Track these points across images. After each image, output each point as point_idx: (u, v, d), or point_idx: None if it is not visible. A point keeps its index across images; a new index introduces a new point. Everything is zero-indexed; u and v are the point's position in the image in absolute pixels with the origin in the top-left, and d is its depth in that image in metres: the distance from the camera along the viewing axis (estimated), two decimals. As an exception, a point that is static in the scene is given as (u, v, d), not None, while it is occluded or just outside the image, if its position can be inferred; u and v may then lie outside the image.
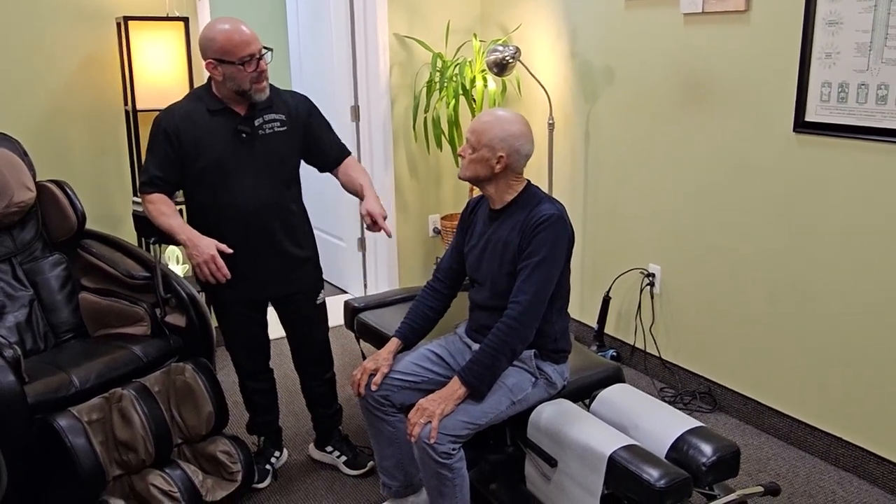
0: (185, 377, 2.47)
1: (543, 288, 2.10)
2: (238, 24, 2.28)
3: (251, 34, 2.28)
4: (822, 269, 2.71)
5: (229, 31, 2.26)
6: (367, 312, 3.03)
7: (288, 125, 2.44)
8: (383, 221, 2.43)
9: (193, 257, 2.28)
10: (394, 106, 4.06)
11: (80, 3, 3.24)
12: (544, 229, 2.09)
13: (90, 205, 3.02)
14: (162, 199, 2.36)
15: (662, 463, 1.95)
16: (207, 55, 2.28)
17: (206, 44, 2.28)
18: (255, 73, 2.30)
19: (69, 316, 2.81)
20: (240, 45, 2.25)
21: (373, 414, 2.29)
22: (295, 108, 2.47)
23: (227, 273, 2.28)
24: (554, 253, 2.11)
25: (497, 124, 2.14)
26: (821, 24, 2.57)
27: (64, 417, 2.22)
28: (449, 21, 4.02)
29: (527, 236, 2.11)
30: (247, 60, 2.27)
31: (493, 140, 2.13)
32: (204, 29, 2.31)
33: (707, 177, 3.06)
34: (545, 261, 2.09)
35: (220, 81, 2.31)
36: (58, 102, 3.28)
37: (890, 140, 2.43)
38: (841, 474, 2.71)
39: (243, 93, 2.32)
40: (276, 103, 2.43)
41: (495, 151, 2.13)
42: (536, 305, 2.10)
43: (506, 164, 2.14)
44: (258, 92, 2.34)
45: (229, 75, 2.29)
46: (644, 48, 3.24)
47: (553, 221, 2.10)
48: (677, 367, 3.33)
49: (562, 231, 2.13)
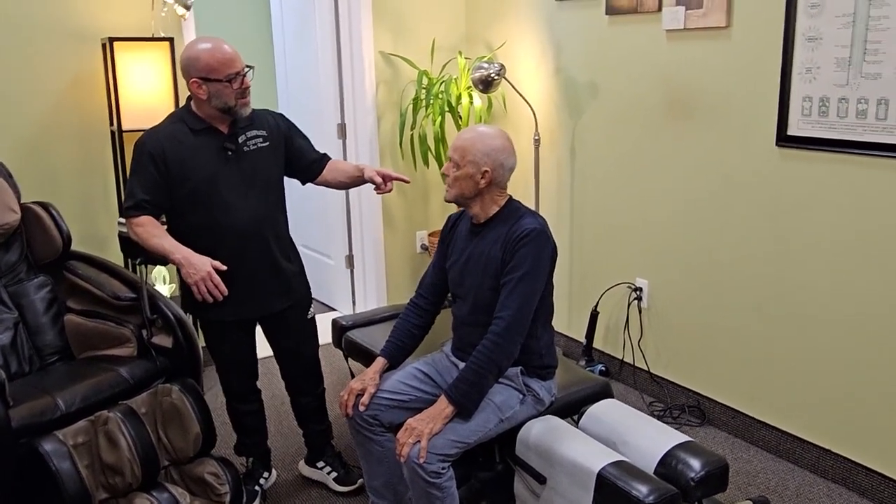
0: (171, 398, 2.45)
1: (527, 303, 2.11)
2: (220, 43, 2.29)
3: (234, 52, 2.30)
4: (808, 282, 2.72)
5: (212, 50, 2.27)
6: (356, 330, 3.03)
7: (270, 140, 2.45)
8: (394, 173, 2.52)
9: (189, 276, 2.24)
10: (380, 123, 4.07)
11: (65, 24, 3.24)
12: (526, 244, 2.10)
13: (76, 226, 3.01)
14: (150, 221, 2.33)
15: (651, 479, 1.95)
16: (191, 74, 2.29)
17: (188, 63, 2.29)
18: (241, 89, 2.31)
19: (54, 338, 2.79)
20: (225, 62, 2.26)
21: (361, 434, 2.29)
22: (275, 124, 2.50)
23: (224, 290, 2.26)
24: (537, 267, 2.11)
25: (479, 139, 2.15)
26: (800, 40, 2.61)
27: (49, 441, 2.20)
28: (434, 38, 4.05)
29: (509, 250, 2.12)
30: (233, 77, 2.28)
31: (477, 155, 2.14)
32: (185, 49, 2.32)
33: (692, 191, 3.09)
34: (528, 275, 2.10)
35: (205, 100, 2.31)
36: (43, 123, 3.27)
37: (871, 153, 2.46)
38: (830, 486, 2.72)
39: (228, 109, 2.32)
40: (256, 120, 2.45)
41: (479, 167, 2.14)
42: (520, 321, 2.10)
43: (490, 178, 2.15)
44: (243, 107, 2.34)
45: (215, 93, 2.29)
46: (628, 64, 3.27)
47: (535, 236, 2.11)
48: (666, 381, 3.34)
49: (544, 245, 2.13)
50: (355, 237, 4.32)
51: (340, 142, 4.21)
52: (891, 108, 2.39)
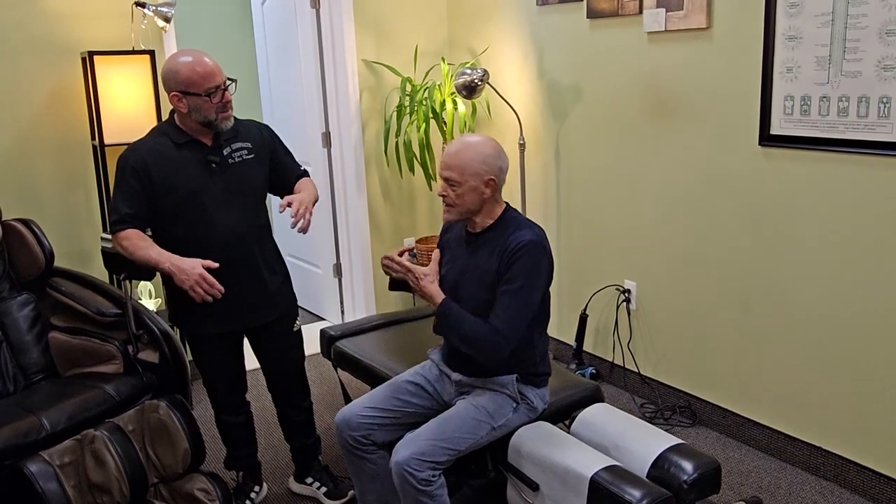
0: (159, 415, 2.43)
1: (520, 315, 2.09)
2: (200, 56, 2.27)
3: (214, 65, 2.27)
4: (795, 279, 2.73)
5: (192, 63, 2.24)
6: (345, 340, 3.01)
7: (255, 152, 2.44)
8: (299, 206, 2.33)
9: (183, 283, 2.21)
10: (365, 131, 4.06)
11: (43, 38, 3.21)
12: (522, 256, 2.07)
13: (58, 242, 2.98)
14: (136, 234, 2.30)
15: (644, 483, 1.95)
16: (171, 87, 2.27)
17: (169, 76, 2.27)
18: (221, 103, 2.29)
19: (39, 356, 2.75)
20: (204, 76, 2.24)
21: (354, 454, 2.26)
22: (259, 135, 2.48)
23: (220, 288, 2.22)
24: (533, 280, 2.09)
25: (473, 150, 2.12)
26: (781, 39, 2.62)
27: (34, 462, 2.17)
28: (417, 45, 4.04)
29: (505, 262, 2.09)
30: (212, 92, 2.26)
31: (476, 166, 2.10)
32: (166, 62, 2.30)
33: (678, 192, 3.09)
34: (524, 288, 2.08)
35: (185, 113, 2.29)
36: (23, 139, 3.24)
37: (853, 151, 2.47)
38: (822, 484, 2.72)
39: (209, 123, 2.30)
40: (241, 132, 2.43)
41: (483, 177, 2.11)
42: (514, 332, 2.08)
43: (495, 185, 2.13)
44: (224, 121, 2.32)
45: (195, 107, 2.27)
46: (610, 67, 3.27)
47: (531, 248, 2.08)
48: (656, 383, 3.34)
49: (540, 257, 2.10)
50: (342, 245, 4.30)
51: (325, 150, 4.19)
52: (871, 106, 2.40)
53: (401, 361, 2.70)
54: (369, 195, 4.13)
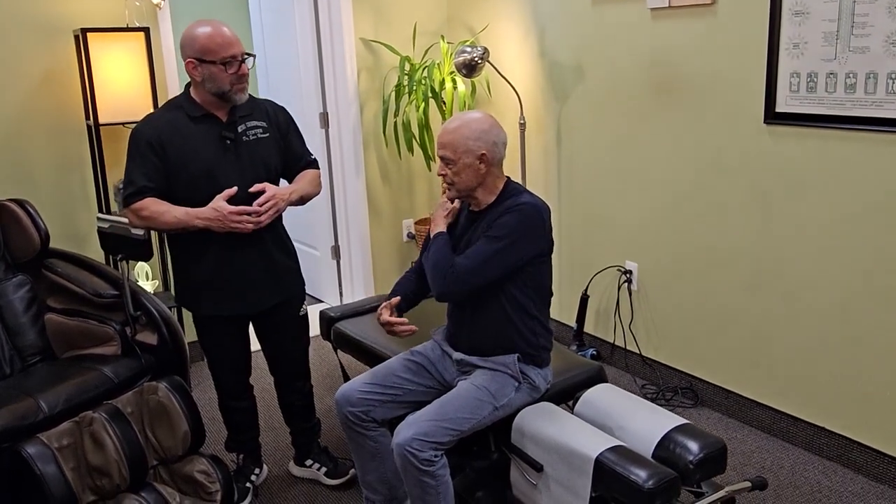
0: (158, 396, 2.40)
1: (487, 264, 2.07)
2: (220, 26, 2.24)
3: (233, 36, 2.25)
4: (798, 259, 2.71)
5: (211, 32, 2.22)
6: (344, 322, 2.98)
7: (270, 132, 2.41)
8: (270, 196, 2.30)
9: (220, 228, 2.23)
10: (363, 111, 4.01)
11: (35, 15, 3.15)
12: (513, 212, 2.08)
13: (54, 223, 2.93)
14: (152, 202, 2.26)
15: (650, 463, 1.93)
16: (187, 54, 2.24)
17: (186, 43, 2.24)
18: (237, 75, 2.25)
19: (35, 338, 2.72)
20: (222, 45, 2.22)
21: (353, 430, 2.25)
22: (274, 116, 2.45)
23: (248, 210, 2.25)
24: (516, 237, 2.07)
25: (465, 126, 2.11)
26: (787, 15, 2.57)
27: (33, 445, 2.15)
28: (415, 24, 3.98)
29: (496, 218, 2.10)
30: (228, 62, 2.23)
31: (469, 142, 2.10)
32: (186, 29, 2.27)
33: (681, 171, 3.06)
34: (501, 240, 2.07)
35: (199, 83, 2.27)
36: (16, 119, 3.19)
37: (860, 128, 2.44)
38: (825, 464, 2.71)
39: (223, 94, 2.27)
40: (256, 110, 2.40)
41: (475, 153, 2.10)
42: (471, 275, 2.08)
43: (489, 160, 2.12)
44: (238, 93, 2.29)
45: (209, 76, 2.24)
46: (612, 44, 3.23)
47: (525, 209, 2.09)
48: (658, 364, 3.32)
49: (533, 220, 2.10)
50: (341, 227, 4.27)
51: (323, 131, 4.14)
52: (879, 82, 2.37)
53: (401, 342, 2.67)
54: (368, 176, 4.09)
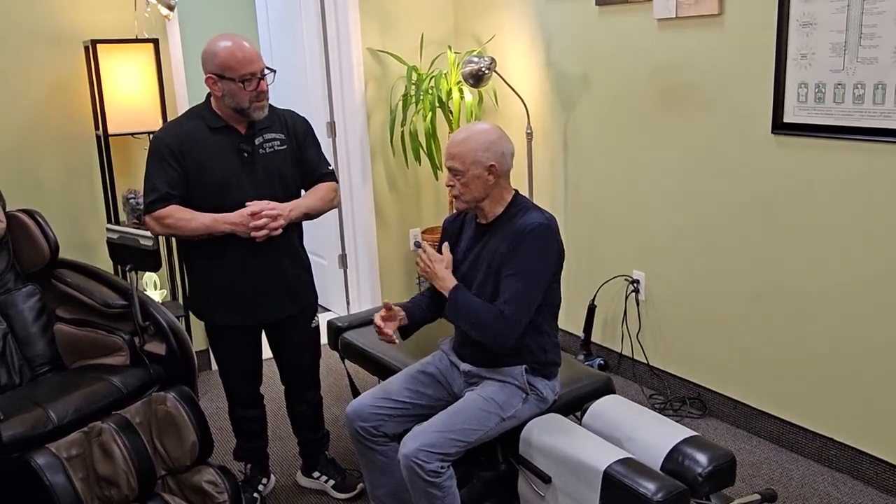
0: (166, 407, 2.40)
1: (527, 298, 2.07)
2: (241, 41, 2.25)
3: (253, 52, 2.25)
4: (807, 269, 2.70)
5: (231, 48, 2.23)
6: (352, 332, 2.99)
7: (287, 144, 2.41)
8: (266, 207, 2.27)
9: (244, 233, 2.25)
10: (370, 121, 4.02)
11: (45, 27, 3.18)
12: (530, 239, 2.07)
13: (63, 233, 2.95)
14: (176, 209, 2.27)
15: (658, 475, 1.92)
16: (208, 69, 2.25)
17: (207, 57, 2.25)
18: (255, 92, 2.25)
19: (45, 348, 2.73)
20: (242, 62, 2.22)
21: (364, 445, 2.24)
22: (293, 126, 2.45)
23: (264, 208, 2.26)
24: (540, 263, 2.08)
25: (474, 137, 2.12)
26: (795, 26, 2.58)
27: (42, 455, 2.15)
28: (422, 34, 4.00)
29: (513, 245, 2.09)
30: (248, 79, 2.23)
31: (478, 153, 2.10)
32: (207, 43, 2.27)
33: (688, 181, 3.06)
34: (531, 272, 2.07)
35: (219, 97, 2.28)
36: (26, 129, 3.21)
37: (868, 139, 2.44)
38: (834, 475, 2.70)
39: (241, 111, 2.28)
40: (275, 122, 2.40)
41: (484, 164, 2.10)
42: (521, 316, 2.07)
43: (498, 171, 2.12)
44: (257, 110, 2.30)
45: (229, 92, 2.25)
46: (619, 54, 3.23)
47: (540, 231, 2.08)
48: (666, 374, 3.31)
49: (549, 240, 2.10)
50: (348, 236, 4.28)
51: (331, 140, 4.16)
52: (888, 93, 2.37)
53: (408, 352, 2.68)
54: (375, 185, 4.10)
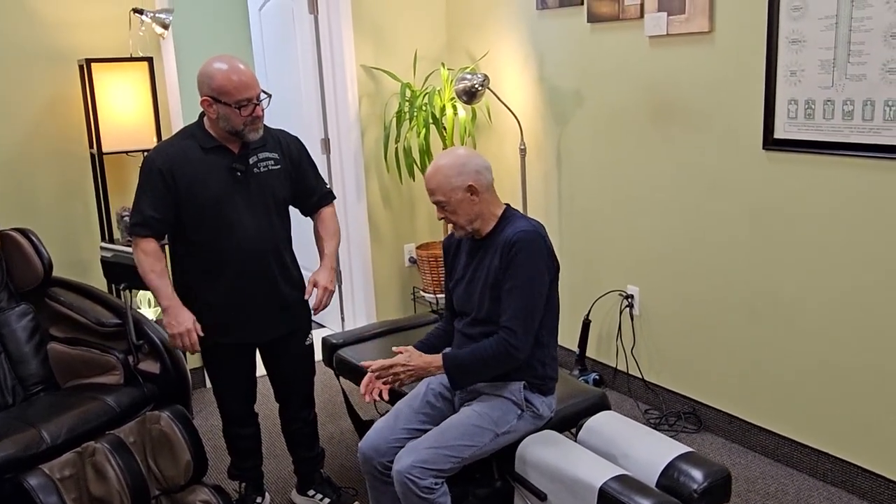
0: (160, 426, 2.40)
1: (531, 308, 2.10)
2: (237, 65, 2.23)
3: (250, 77, 2.24)
4: (800, 284, 2.71)
5: (227, 72, 2.21)
6: (347, 348, 2.99)
7: (281, 163, 2.41)
8: (324, 295, 2.45)
9: (171, 327, 2.28)
10: (364, 137, 4.04)
11: (40, 45, 3.19)
12: (521, 248, 2.10)
13: (57, 251, 2.95)
14: (155, 254, 2.29)
15: (654, 492, 1.92)
16: (203, 91, 2.25)
17: (203, 80, 2.24)
18: (251, 117, 2.25)
19: (38, 368, 2.73)
20: (238, 87, 2.21)
21: (381, 481, 2.20)
22: (287, 147, 2.45)
23: (198, 349, 2.32)
24: (535, 269, 2.11)
25: (442, 168, 2.16)
26: (784, 43, 2.60)
27: (34, 476, 2.14)
28: (416, 50, 4.02)
29: (505, 257, 2.12)
30: (244, 105, 2.23)
31: (451, 179, 2.14)
32: (203, 64, 2.26)
33: (681, 196, 3.07)
34: (529, 280, 2.09)
35: (214, 119, 2.28)
36: (20, 148, 3.21)
37: (859, 154, 2.46)
38: (830, 490, 2.70)
39: (236, 133, 2.28)
40: (269, 142, 2.40)
41: (462, 187, 2.14)
42: (527, 328, 2.10)
43: (478, 189, 2.15)
44: (251, 132, 2.30)
45: (223, 115, 2.25)
46: (611, 71, 3.26)
47: (528, 237, 2.11)
48: (661, 389, 3.32)
49: (538, 246, 2.13)
50: (342, 252, 4.27)
51: (325, 157, 4.17)
52: (877, 109, 2.39)
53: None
54: (369, 202, 4.11)
